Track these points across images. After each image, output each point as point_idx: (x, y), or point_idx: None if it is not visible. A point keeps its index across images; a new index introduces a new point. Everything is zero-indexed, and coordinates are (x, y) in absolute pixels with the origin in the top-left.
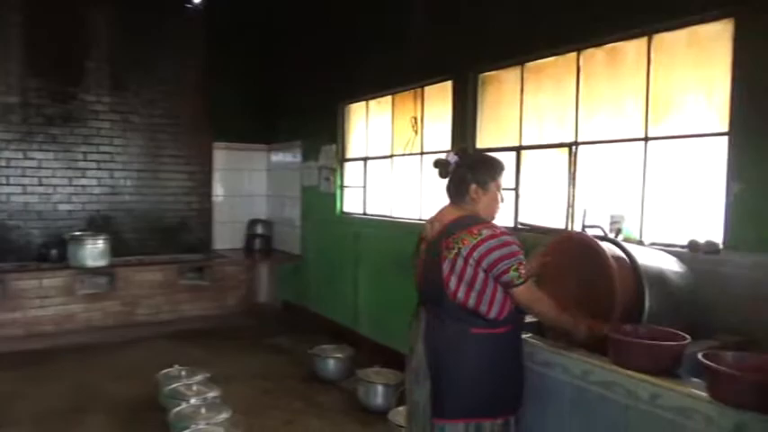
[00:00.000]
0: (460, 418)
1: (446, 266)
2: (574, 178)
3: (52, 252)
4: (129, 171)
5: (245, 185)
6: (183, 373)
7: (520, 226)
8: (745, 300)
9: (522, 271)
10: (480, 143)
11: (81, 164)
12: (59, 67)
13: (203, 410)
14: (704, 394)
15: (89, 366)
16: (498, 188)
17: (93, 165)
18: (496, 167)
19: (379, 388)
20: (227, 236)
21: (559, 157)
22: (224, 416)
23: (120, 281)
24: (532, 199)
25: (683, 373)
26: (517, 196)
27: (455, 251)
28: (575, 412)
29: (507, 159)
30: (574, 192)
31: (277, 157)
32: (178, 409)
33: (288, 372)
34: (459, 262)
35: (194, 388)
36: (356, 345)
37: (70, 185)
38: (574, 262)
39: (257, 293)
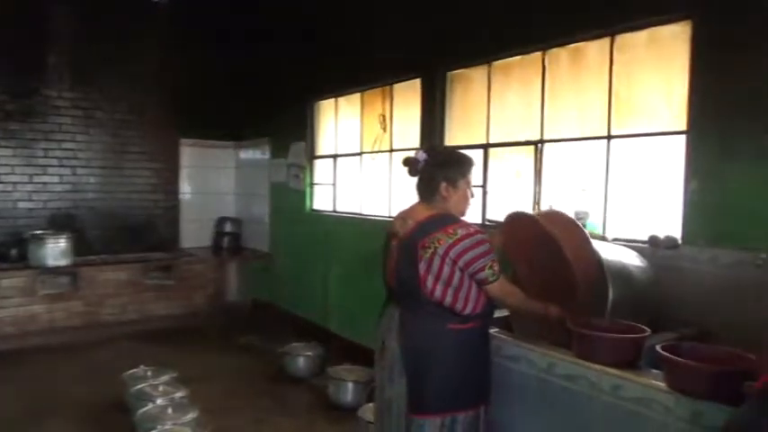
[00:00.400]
0: (438, 413)
1: (422, 266)
2: (540, 175)
3: (12, 251)
4: (93, 168)
5: (212, 183)
6: (150, 373)
7: (488, 223)
8: (702, 293)
9: (496, 268)
10: (449, 141)
11: (42, 160)
12: (19, 61)
13: (170, 411)
14: (662, 384)
15: (51, 368)
16: (468, 185)
17: (55, 161)
18: (465, 164)
19: (350, 385)
20: (194, 234)
21: (526, 155)
22: (191, 416)
23: (84, 280)
24: (500, 196)
25: (643, 364)
26: (485, 193)
27: (431, 250)
28: (540, 404)
29: (475, 157)
30: (540, 189)
31: (245, 154)
32: (144, 409)
33: (257, 371)
34: (436, 261)
35: (161, 388)
36: (327, 342)
37: (30, 183)
38: (522, 246)
39: (226, 292)
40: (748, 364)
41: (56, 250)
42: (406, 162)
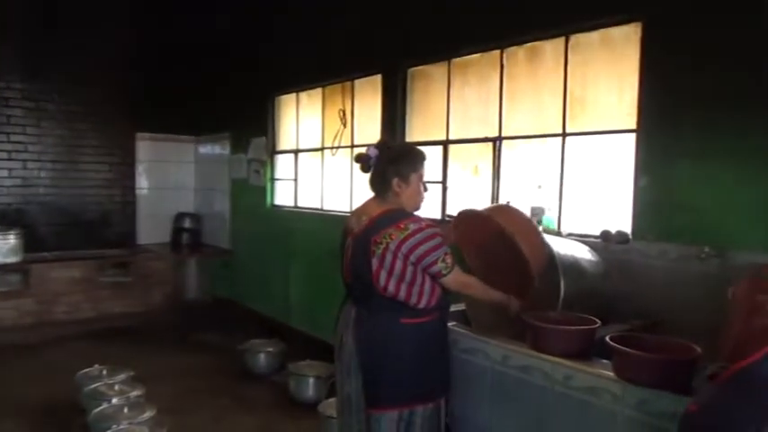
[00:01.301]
0: (395, 407)
1: (375, 262)
2: (498, 172)
3: None
4: (45, 162)
5: (171, 178)
6: (105, 372)
7: (447, 218)
8: (651, 286)
9: (449, 261)
10: (409, 137)
11: None
12: None
13: (126, 410)
14: (611, 374)
15: (1, 368)
16: (420, 180)
17: (4, 155)
18: (416, 159)
19: (311, 380)
20: (152, 230)
21: (484, 151)
22: (148, 415)
23: (35, 278)
24: (460, 192)
25: (593, 355)
26: (444, 189)
27: (383, 246)
28: (496, 396)
29: (435, 153)
30: (498, 185)
31: (205, 149)
32: (99, 409)
33: (217, 368)
34: (389, 257)
35: (116, 387)
36: (288, 338)
37: None
38: (474, 242)
39: (185, 289)
40: (692, 354)
41: (5, 247)
42: (359, 158)
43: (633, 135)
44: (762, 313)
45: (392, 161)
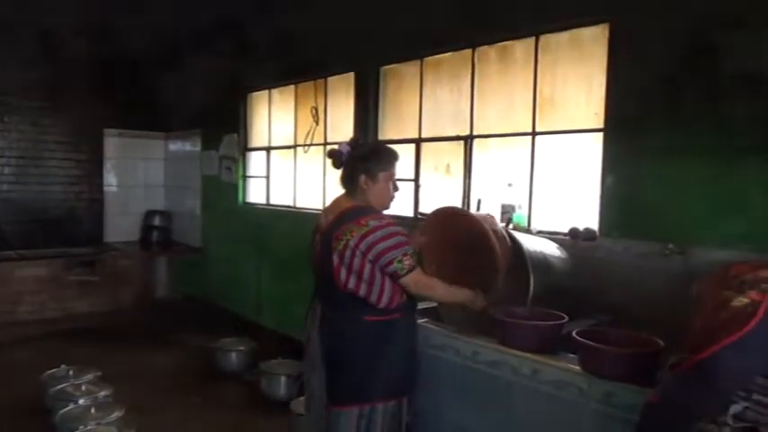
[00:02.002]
0: (355, 404)
1: (336, 258)
2: (469, 170)
3: None
4: (8, 158)
5: (140, 175)
6: (71, 372)
7: (420, 216)
8: (616, 281)
9: (407, 262)
10: (382, 135)
11: None
12: None
13: (93, 411)
14: (577, 368)
15: None
16: (389, 178)
17: None
18: (385, 158)
19: (282, 379)
20: (121, 228)
21: (456, 150)
22: (116, 415)
23: None
24: (432, 190)
25: (561, 350)
26: (417, 187)
27: (344, 242)
28: (465, 391)
29: (407, 151)
30: (469, 183)
31: (175, 145)
32: (65, 410)
33: (188, 368)
34: (348, 253)
35: (83, 388)
36: (260, 337)
37: None
38: (450, 236)
39: (155, 288)
40: (656, 348)
41: None
42: (331, 154)
43: (600, 134)
44: (725, 308)
45: (361, 158)
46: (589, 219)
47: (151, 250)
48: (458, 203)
